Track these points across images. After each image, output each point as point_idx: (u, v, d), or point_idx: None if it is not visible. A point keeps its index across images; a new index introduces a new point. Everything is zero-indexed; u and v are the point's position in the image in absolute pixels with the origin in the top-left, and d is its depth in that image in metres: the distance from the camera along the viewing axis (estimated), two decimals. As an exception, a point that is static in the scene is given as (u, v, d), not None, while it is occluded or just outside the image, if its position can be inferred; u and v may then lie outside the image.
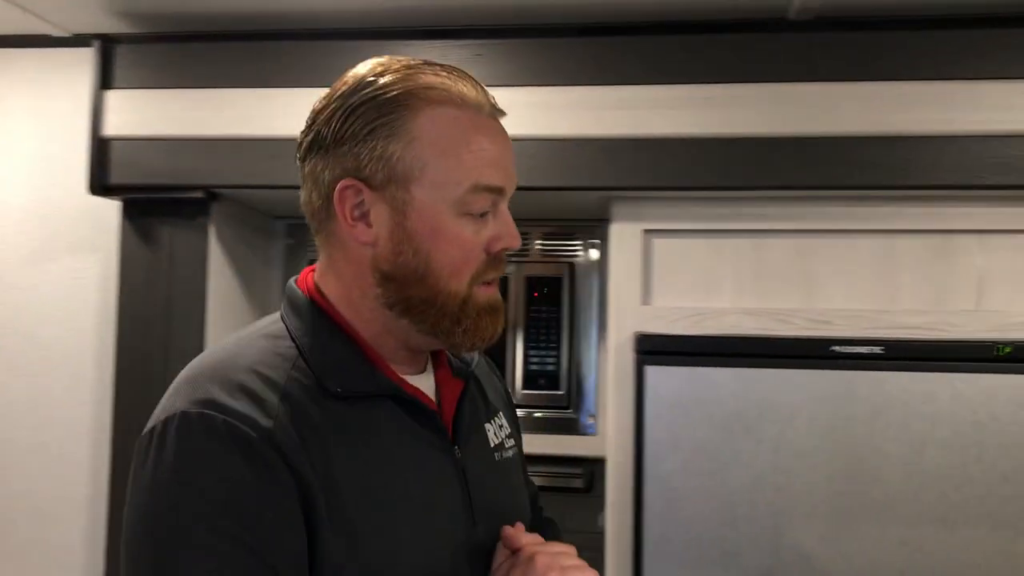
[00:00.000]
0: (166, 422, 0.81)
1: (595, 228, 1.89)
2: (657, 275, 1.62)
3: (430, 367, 1.00)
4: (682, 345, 1.55)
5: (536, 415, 1.86)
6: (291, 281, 0.97)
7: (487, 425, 1.04)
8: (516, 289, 1.85)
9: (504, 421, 1.08)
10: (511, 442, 1.07)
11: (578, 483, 1.82)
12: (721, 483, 1.51)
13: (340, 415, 0.86)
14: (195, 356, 0.90)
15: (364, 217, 0.89)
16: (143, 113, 1.65)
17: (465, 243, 0.89)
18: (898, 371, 1.48)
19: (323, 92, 0.92)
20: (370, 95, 0.88)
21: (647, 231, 1.61)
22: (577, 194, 1.63)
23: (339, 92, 0.91)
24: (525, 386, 1.85)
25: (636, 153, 1.55)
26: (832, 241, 1.58)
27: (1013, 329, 1.50)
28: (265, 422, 0.80)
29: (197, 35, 1.67)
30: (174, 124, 1.64)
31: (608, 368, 1.62)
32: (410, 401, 0.92)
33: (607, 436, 1.61)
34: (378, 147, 0.87)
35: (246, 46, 1.65)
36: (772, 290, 1.59)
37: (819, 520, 1.49)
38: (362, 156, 0.88)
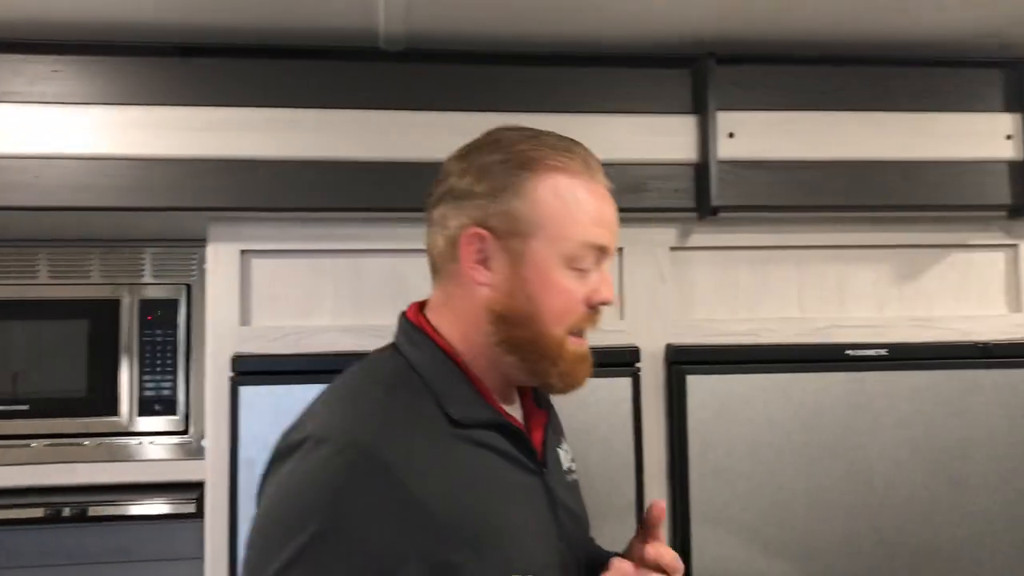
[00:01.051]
0: (303, 441, 0.93)
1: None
2: (256, 295, 1.62)
3: (518, 399, 1.13)
4: (278, 365, 1.57)
5: (152, 443, 1.80)
6: (403, 316, 1.09)
7: (559, 449, 1.17)
8: (129, 313, 1.79)
9: (567, 447, 1.22)
10: (574, 466, 1.20)
11: (191, 508, 1.78)
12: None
13: (459, 441, 0.98)
14: None
15: (484, 262, 1.02)
16: None
17: (570, 294, 1.02)
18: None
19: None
20: (502, 159, 1.03)
21: (244, 251, 1.61)
22: (178, 215, 1.60)
23: (474, 151, 1.06)
24: (140, 412, 1.78)
25: (230, 174, 1.56)
26: (423, 259, 1.66)
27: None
28: (389, 454, 0.91)
29: None
30: None
31: (207, 391, 1.60)
32: (513, 431, 1.04)
33: (207, 459, 1.60)
34: (504, 203, 1.01)
35: None
36: (370, 307, 1.65)
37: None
38: (490, 209, 1.02)
